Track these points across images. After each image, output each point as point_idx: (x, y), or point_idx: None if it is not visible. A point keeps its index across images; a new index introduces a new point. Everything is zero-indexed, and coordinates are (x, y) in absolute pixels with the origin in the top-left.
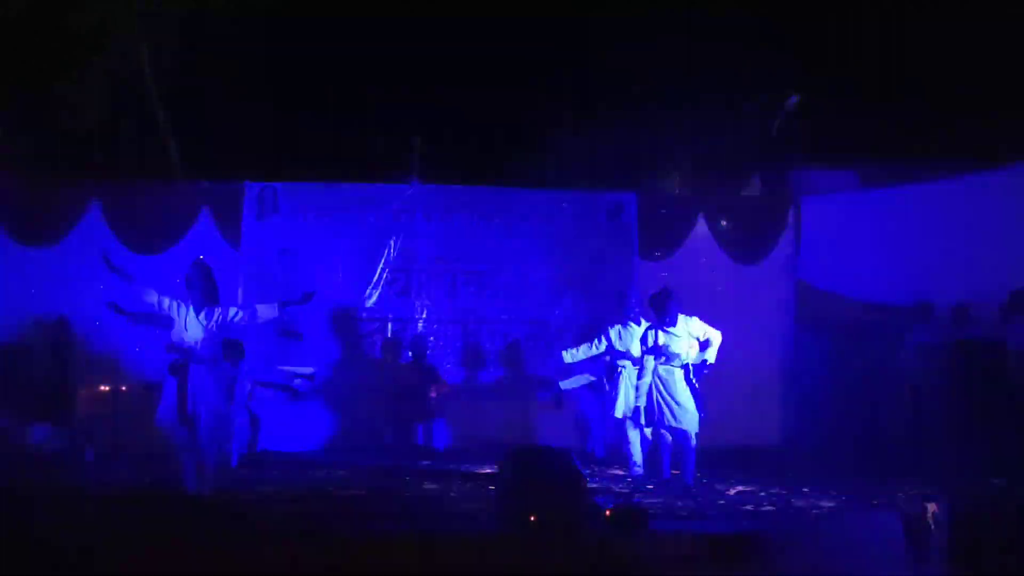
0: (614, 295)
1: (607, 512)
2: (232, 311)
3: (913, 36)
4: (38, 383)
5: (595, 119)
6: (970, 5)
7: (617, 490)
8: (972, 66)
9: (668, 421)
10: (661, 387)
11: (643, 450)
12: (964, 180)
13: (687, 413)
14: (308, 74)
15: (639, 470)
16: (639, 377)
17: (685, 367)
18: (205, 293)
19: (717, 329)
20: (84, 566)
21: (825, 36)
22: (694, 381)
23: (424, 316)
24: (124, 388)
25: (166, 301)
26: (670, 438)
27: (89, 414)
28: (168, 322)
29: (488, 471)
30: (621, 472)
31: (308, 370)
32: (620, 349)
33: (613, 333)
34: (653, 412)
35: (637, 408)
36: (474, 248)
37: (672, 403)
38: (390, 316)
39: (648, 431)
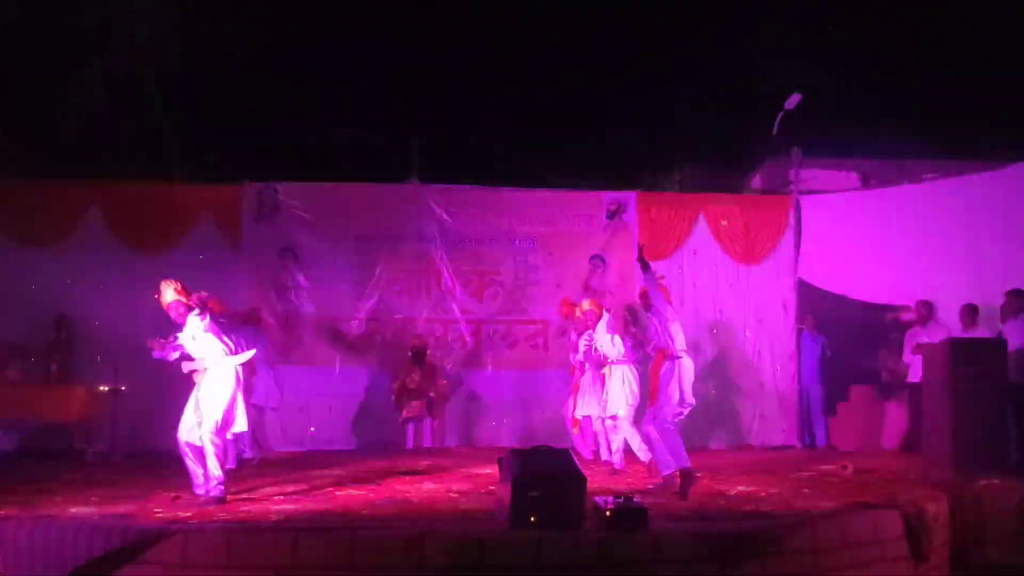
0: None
1: (607, 512)
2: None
3: (913, 36)
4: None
5: (596, 119)
6: (969, 5)
7: (617, 490)
8: (972, 66)
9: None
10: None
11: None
12: (964, 180)
13: None
14: (308, 74)
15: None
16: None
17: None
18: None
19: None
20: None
21: (826, 36)
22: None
23: (425, 316)
24: (123, 388)
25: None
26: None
27: (87, 414)
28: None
29: (488, 471)
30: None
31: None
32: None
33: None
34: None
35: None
36: (475, 248)
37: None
38: (390, 316)
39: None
